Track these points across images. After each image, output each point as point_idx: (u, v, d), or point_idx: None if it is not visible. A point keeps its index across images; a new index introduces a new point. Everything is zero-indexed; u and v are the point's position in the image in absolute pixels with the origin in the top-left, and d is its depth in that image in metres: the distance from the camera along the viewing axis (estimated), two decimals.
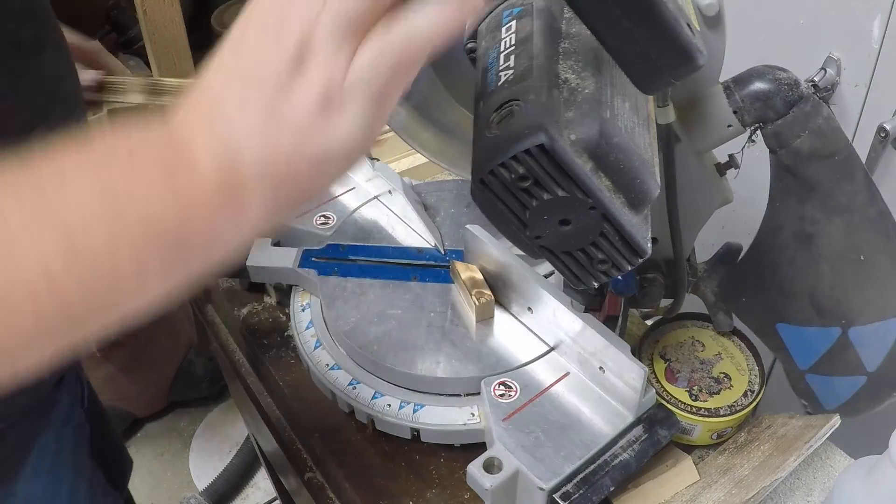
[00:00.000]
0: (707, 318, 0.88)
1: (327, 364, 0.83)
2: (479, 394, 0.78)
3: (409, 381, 0.80)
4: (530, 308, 0.81)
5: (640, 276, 0.82)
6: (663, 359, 0.85)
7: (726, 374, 0.83)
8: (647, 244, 0.57)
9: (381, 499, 0.76)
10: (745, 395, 0.81)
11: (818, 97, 0.70)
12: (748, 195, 0.84)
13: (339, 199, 1.01)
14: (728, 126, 0.72)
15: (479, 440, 0.77)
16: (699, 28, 0.63)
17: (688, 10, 0.60)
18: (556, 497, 0.69)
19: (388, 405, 0.79)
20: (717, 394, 0.82)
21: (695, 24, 0.54)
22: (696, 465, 0.79)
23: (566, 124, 0.54)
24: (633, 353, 0.73)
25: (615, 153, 0.54)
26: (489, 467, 0.69)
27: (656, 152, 0.60)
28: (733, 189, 0.80)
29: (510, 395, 0.77)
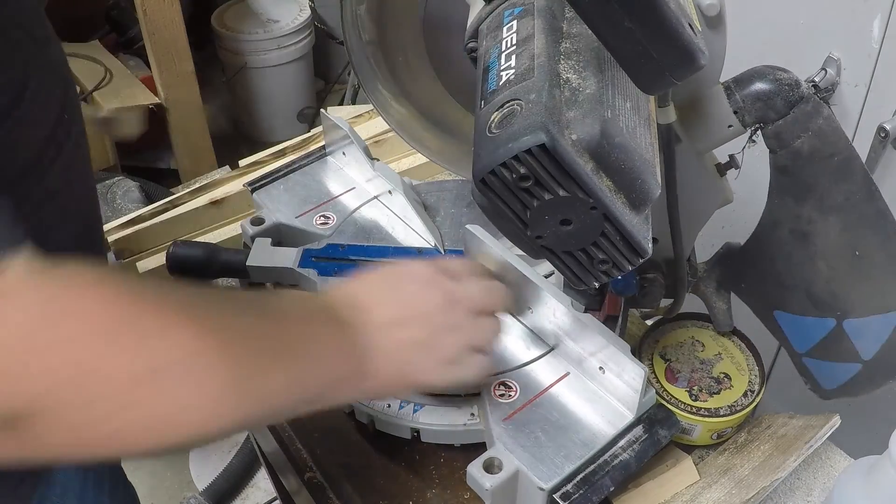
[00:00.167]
0: (707, 318, 0.88)
1: None
2: (479, 394, 0.78)
3: None
4: (530, 308, 0.81)
5: (640, 276, 0.82)
6: (663, 359, 0.85)
7: (726, 374, 0.83)
8: (648, 244, 0.57)
9: (381, 499, 0.76)
10: (745, 395, 0.81)
11: (818, 97, 0.70)
12: (748, 195, 0.84)
13: (339, 199, 1.01)
14: (728, 126, 0.72)
15: (479, 440, 0.77)
16: (700, 28, 0.63)
17: (689, 11, 0.60)
18: (556, 497, 0.69)
19: (388, 405, 0.79)
20: (717, 394, 0.82)
21: (696, 24, 0.54)
22: (696, 465, 0.79)
23: (567, 124, 0.54)
24: (633, 353, 0.73)
25: (616, 153, 0.54)
26: (489, 467, 0.69)
27: (657, 152, 0.61)
28: (733, 189, 0.80)
29: (510, 395, 0.77)
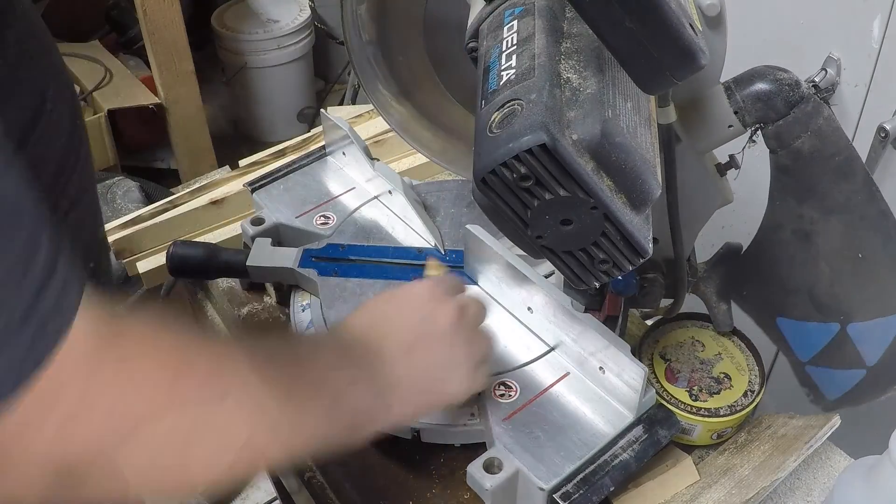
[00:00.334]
0: (707, 318, 0.88)
1: None
2: (479, 394, 0.78)
3: None
4: (530, 308, 0.81)
5: (640, 276, 0.82)
6: (663, 359, 0.85)
7: (726, 374, 0.83)
8: (649, 244, 0.57)
9: (382, 499, 0.76)
10: (745, 395, 0.81)
11: (819, 97, 0.70)
12: (748, 195, 0.84)
13: (339, 199, 1.01)
14: (729, 126, 0.72)
15: (479, 440, 0.77)
16: (701, 28, 0.63)
17: (690, 11, 0.60)
18: (556, 497, 0.69)
19: None
20: (717, 394, 0.82)
21: (697, 24, 0.54)
22: (696, 465, 0.79)
23: (568, 124, 0.54)
24: (633, 353, 0.73)
25: (617, 153, 0.54)
26: (489, 467, 0.69)
27: (657, 152, 0.61)
28: (733, 189, 0.80)
29: (510, 395, 0.77)
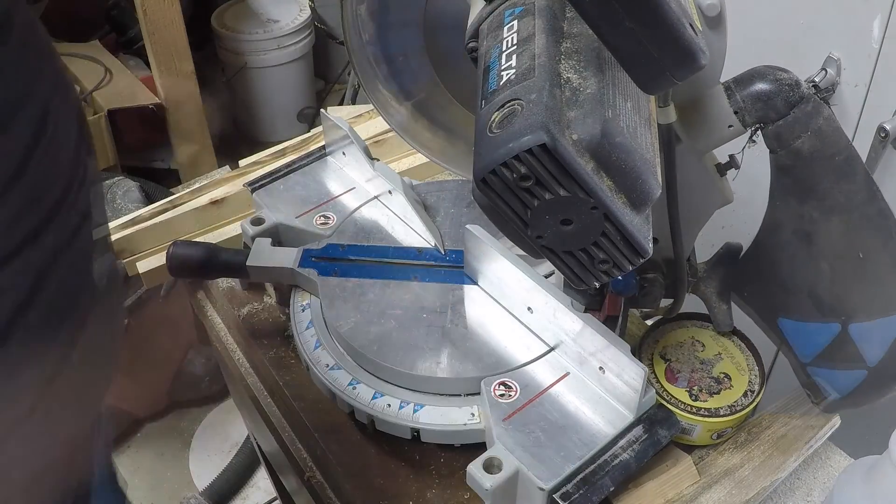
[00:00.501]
0: (707, 318, 0.88)
1: (327, 364, 0.83)
2: (479, 394, 0.78)
3: (409, 381, 0.80)
4: (530, 308, 0.81)
5: (640, 276, 0.82)
6: (663, 359, 0.85)
7: (726, 374, 0.83)
8: (649, 244, 0.57)
9: (381, 499, 0.76)
10: (745, 395, 0.81)
11: (819, 97, 0.70)
12: (748, 195, 0.84)
13: (339, 199, 1.01)
14: (729, 126, 0.72)
15: (479, 440, 0.77)
16: (701, 28, 0.63)
17: (690, 11, 0.60)
18: (556, 497, 0.69)
19: (388, 405, 0.79)
20: (717, 394, 0.82)
21: (697, 24, 0.54)
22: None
23: (568, 124, 0.54)
24: (633, 353, 0.73)
25: (617, 153, 0.54)
26: (489, 467, 0.69)
27: (658, 152, 0.61)
28: (733, 189, 0.80)
29: (510, 395, 0.77)
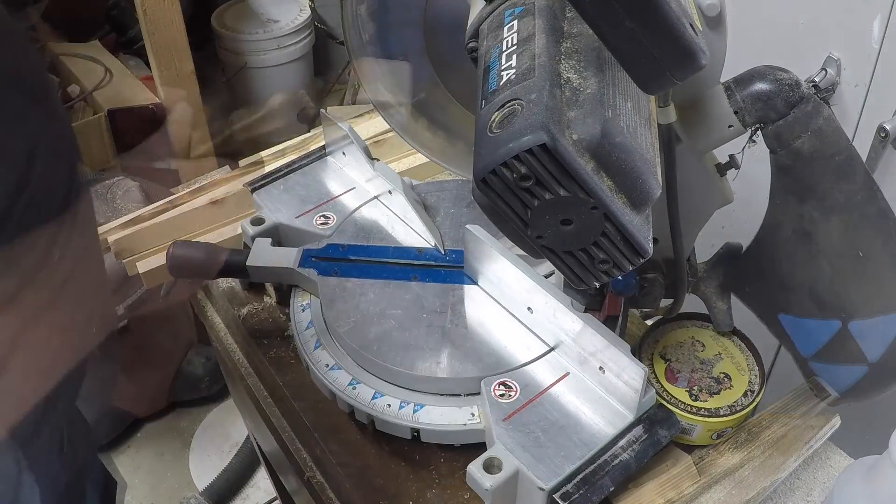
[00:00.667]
0: (707, 318, 0.88)
1: (327, 364, 0.83)
2: (479, 394, 0.78)
3: (409, 381, 0.80)
4: (530, 308, 0.81)
5: (640, 276, 0.82)
6: (663, 359, 0.85)
7: (726, 374, 0.83)
8: (649, 244, 0.57)
9: (381, 499, 0.76)
10: (745, 395, 0.81)
11: (819, 97, 0.70)
12: (748, 195, 0.84)
13: (339, 199, 1.01)
14: (729, 126, 0.72)
15: (479, 440, 0.77)
16: (701, 28, 0.63)
17: (690, 11, 0.60)
18: (556, 497, 0.69)
19: (388, 405, 0.79)
20: (717, 394, 0.82)
21: (697, 24, 0.54)
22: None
23: (568, 124, 0.54)
24: (633, 353, 0.73)
25: (617, 153, 0.54)
26: (489, 467, 0.69)
27: (658, 152, 0.61)
28: (733, 189, 0.80)
29: (510, 395, 0.77)
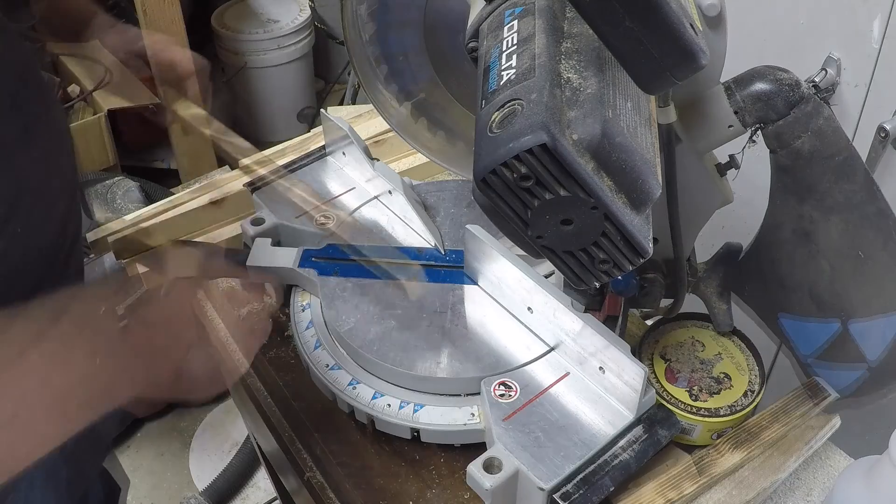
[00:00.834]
0: (707, 318, 0.88)
1: (327, 364, 0.83)
2: (479, 394, 0.78)
3: (409, 381, 0.80)
4: (530, 308, 0.81)
5: (640, 276, 0.82)
6: (663, 359, 0.85)
7: (726, 374, 0.83)
8: (649, 244, 0.57)
9: (381, 499, 0.76)
10: (745, 395, 0.81)
11: (819, 97, 0.70)
12: (748, 195, 0.84)
13: (339, 199, 1.01)
14: (729, 126, 0.72)
15: (479, 440, 0.77)
16: (701, 28, 0.63)
17: (690, 11, 0.60)
18: (556, 497, 0.69)
19: (388, 405, 0.79)
20: (717, 394, 0.82)
21: (697, 24, 0.54)
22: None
23: (568, 124, 0.54)
24: (633, 353, 0.73)
25: (617, 153, 0.54)
26: (489, 467, 0.69)
27: (658, 152, 0.60)
28: (733, 189, 0.80)
29: (510, 395, 0.77)
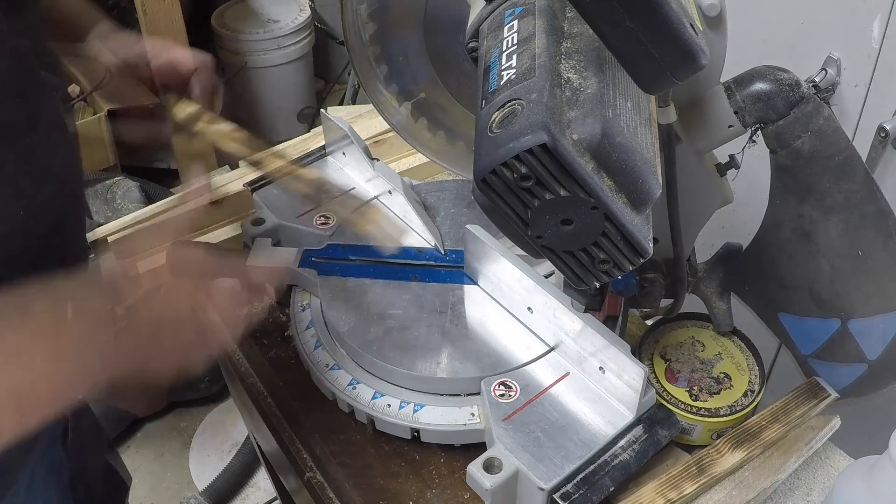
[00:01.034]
0: (707, 318, 0.88)
1: (327, 364, 0.83)
2: (479, 394, 0.78)
3: (409, 381, 0.80)
4: (530, 308, 0.81)
5: (640, 276, 0.82)
6: (663, 359, 0.85)
7: (726, 374, 0.83)
8: (649, 244, 0.57)
9: (381, 499, 0.76)
10: (745, 395, 0.81)
11: (819, 97, 0.70)
12: (748, 195, 0.84)
13: (339, 199, 1.01)
14: (729, 126, 0.72)
15: (479, 440, 0.77)
16: (701, 28, 0.63)
17: (690, 11, 0.60)
18: (556, 497, 0.69)
19: (388, 405, 0.79)
20: (717, 394, 0.82)
21: (697, 24, 0.54)
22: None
23: (568, 124, 0.54)
24: (633, 353, 0.73)
25: (617, 153, 0.54)
26: (489, 467, 0.69)
27: (658, 152, 0.61)
28: (733, 189, 0.80)
29: (510, 395, 0.76)
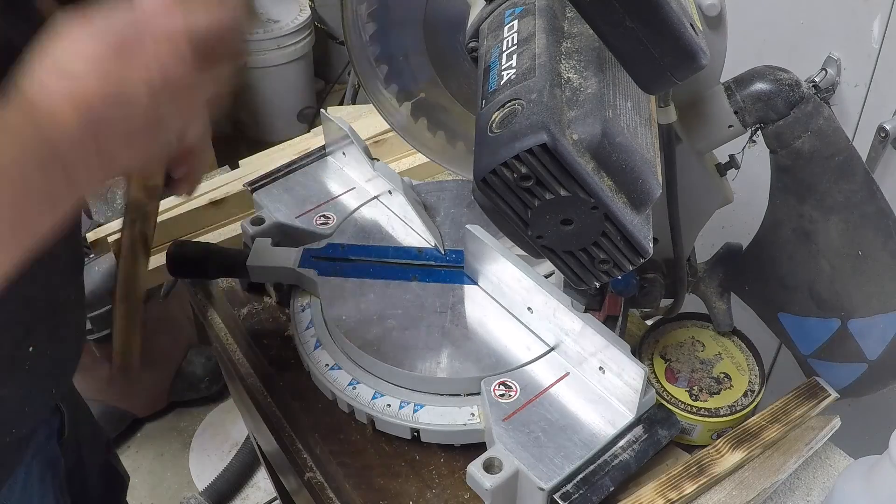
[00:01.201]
0: (707, 318, 0.88)
1: (327, 364, 0.83)
2: (479, 394, 0.78)
3: (409, 381, 0.80)
4: (530, 308, 0.81)
5: (640, 276, 0.82)
6: (663, 359, 0.85)
7: (726, 374, 0.83)
8: (649, 244, 0.57)
9: (381, 499, 0.76)
10: (745, 395, 0.81)
11: (819, 97, 0.70)
12: (748, 195, 0.84)
13: (339, 199, 1.01)
14: (729, 126, 0.72)
15: (479, 440, 0.77)
16: (701, 28, 0.63)
17: (690, 11, 0.60)
18: (556, 497, 0.69)
19: (388, 405, 0.79)
20: (717, 394, 0.82)
21: (697, 24, 0.54)
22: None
23: (568, 124, 0.54)
24: (633, 353, 0.73)
25: (617, 153, 0.54)
26: (489, 467, 0.69)
27: (658, 152, 0.61)
28: (733, 189, 0.80)
29: (510, 395, 0.76)
